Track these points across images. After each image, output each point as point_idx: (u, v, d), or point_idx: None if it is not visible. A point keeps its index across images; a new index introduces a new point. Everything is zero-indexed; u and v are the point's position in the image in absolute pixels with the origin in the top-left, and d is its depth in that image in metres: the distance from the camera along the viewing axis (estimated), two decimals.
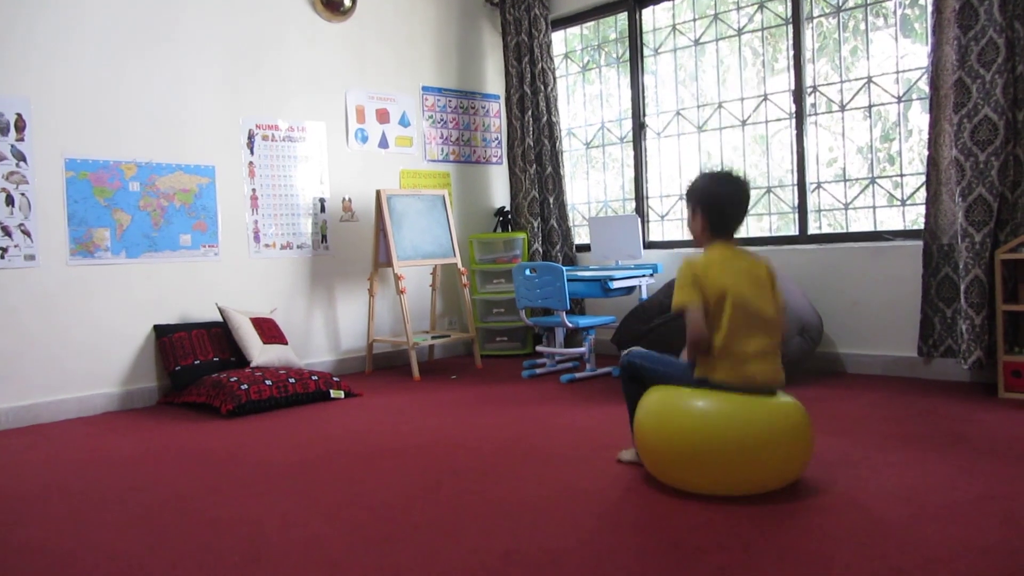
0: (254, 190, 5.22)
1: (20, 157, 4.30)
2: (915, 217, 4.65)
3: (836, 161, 5.00)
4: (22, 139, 4.31)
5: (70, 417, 4.42)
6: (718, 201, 2.86)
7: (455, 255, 5.72)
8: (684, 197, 2.98)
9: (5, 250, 4.25)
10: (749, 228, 5.38)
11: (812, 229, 5.03)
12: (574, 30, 6.44)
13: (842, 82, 4.89)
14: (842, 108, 4.89)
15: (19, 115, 4.29)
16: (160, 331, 4.72)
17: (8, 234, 4.26)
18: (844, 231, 4.93)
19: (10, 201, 4.26)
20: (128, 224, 4.68)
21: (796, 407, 2.70)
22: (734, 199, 2.89)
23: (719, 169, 3.02)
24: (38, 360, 4.35)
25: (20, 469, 3.41)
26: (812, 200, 5.03)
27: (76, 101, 4.50)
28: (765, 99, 5.23)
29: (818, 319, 4.50)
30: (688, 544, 2.20)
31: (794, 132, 5.05)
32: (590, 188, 6.44)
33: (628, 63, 5.96)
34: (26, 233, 4.31)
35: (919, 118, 4.67)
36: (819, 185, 5.01)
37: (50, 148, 4.41)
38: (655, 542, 2.23)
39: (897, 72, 4.67)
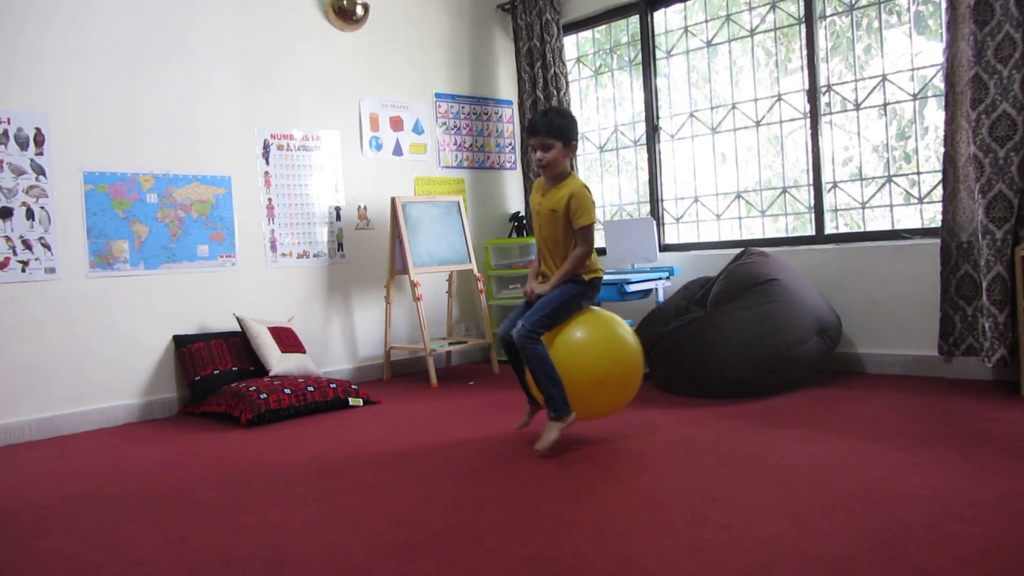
0: (270, 200, 5.25)
1: (39, 171, 4.34)
2: (932, 215, 4.62)
3: (852, 160, 4.98)
4: (41, 153, 4.35)
5: (92, 428, 4.46)
6: (577, 137, 3.51)
7: (471, 261, 5.72)
8: (552, 132, 3.38)
9: (26, 263, 4.29)
10: (765, 229, 5.36)
11: (829, 229, 5.00)
12: (586, 34, 6.44)
13: (856, 80, 4.86)
14: (857, 107, 4.87)
15: (38, 129, 4.34)
16: (179, 341, 4.75)
17: (29, 247, 4.30)
18: (861, 230, 4.90)
19: (30, 215, 4.31)
20: (146, 236, 4.72)
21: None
22: None
23: (548, 109, 3.72)
24: (60, 372, 4.39)
25: (44, 479, 3.44)
26: (828, 200, 5.00)
27: (93, 115, 4.54)
28: (779, 99, 5.21)
29: (836, 319, 4.47)
30: (714, 545, 2.19)
31: (809, 132, 5.03)
32: (604, 192, 6.43)
33: (640, 66, 5.95)
34: (46, 246, 4.36)
35: (935, 115, 4.64)
36: (835, 184, 4.98)
37: (68, 162, 4.45)
38: (681, 545, 2.22)
39: (912, 69, 4.64)
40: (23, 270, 4.28)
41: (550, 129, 3.39)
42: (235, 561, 2.33)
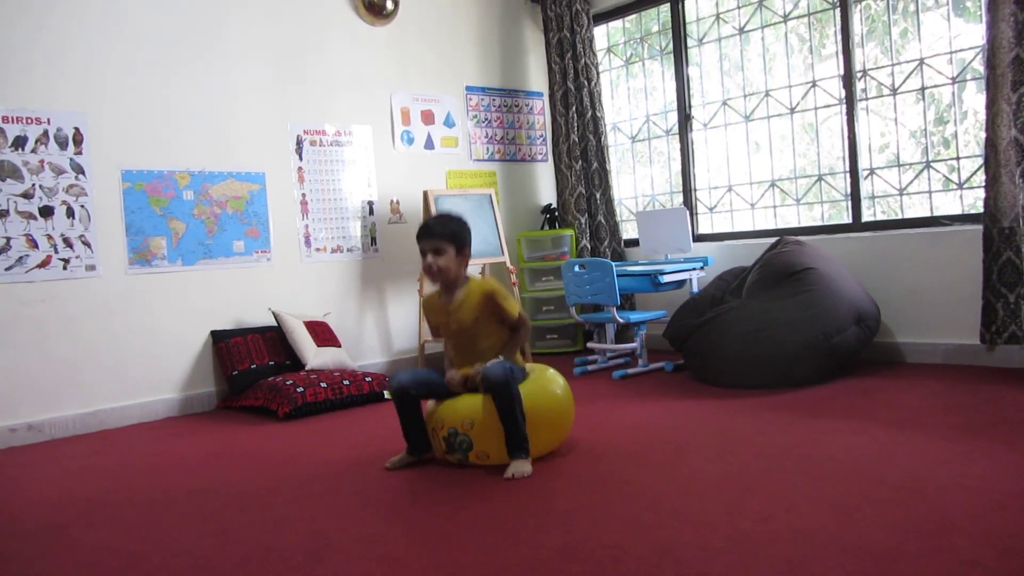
0: (304, 195, 5.29)
1: (79, 170, 4.41)
2: (973, 201, 4.53)
3: (888, 146, 4.90)
4: (80, 152, 4.42)
5: (133, 423, 4.53)
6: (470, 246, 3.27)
7: (503, 254, 5.72)
8: (446, 236, 3.15)
9: (67, 261, 4.37)
10: (800, 217, 5.30)
11: (866, 216, 4.93)
12: (616, 24, 6.40)
13: (893, 65, 4.78)
14: (894, 92, 4.79)
15: (77, 129, 4.41)
16: (217, 337, 4.81)
17: (70, 245, 4.38)
18: (899, 218, 4.83)
19: (71, 213, 4.38)
20: (183, 232, 4.78)
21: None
22: None
23: (441, 215, 3.34)
24: (101, 368, 4.46)
25: (89, 474, 3.50)
26: (865, 187, 4.93)
27: (130, 113, 4.60)
28: (814, 85, 5.14)
29: (875, 308, 4.41)
30: (753, 536, 2.18)
31: (845, 118, 4.96)
32: (637, 182, 6.40)
33: (672, 55, 5.91)
34: (87, 244, 4.43)
35: (974, 99, 4.55)
36: (872, 171, 4.91)
37: (107, 160, 4.52)
38: (720, 537, 2.21)
39: (950, 52, 4.56)
40: (64, 268, 4.36)
41: (444, 233, 3.14)
42: (276, 552, 2.35)
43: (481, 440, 3.04)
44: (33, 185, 4.28)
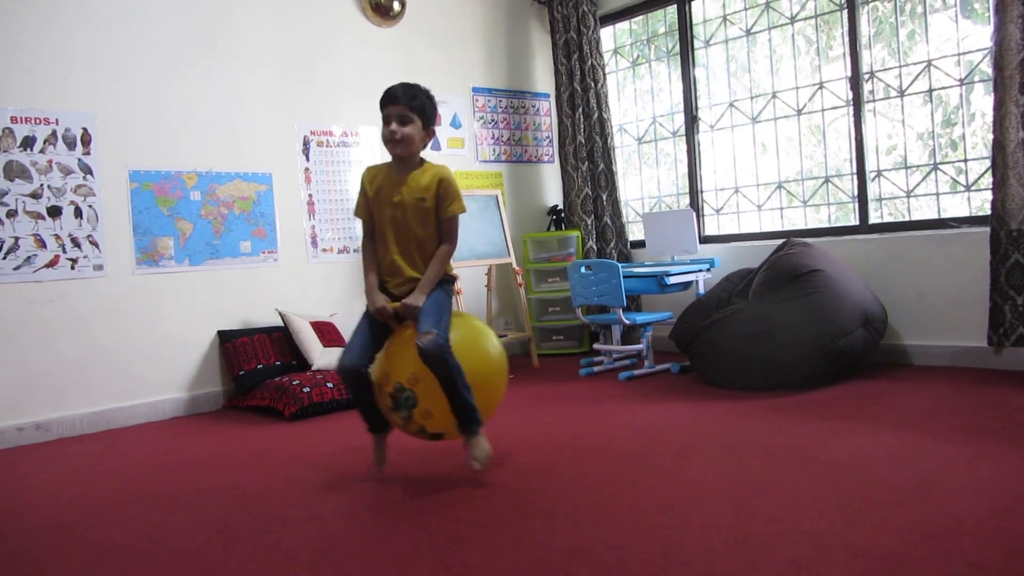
0: (310, 196, 5.30)
1: (87, 170, 4.43)
2: (980, 203, 4.52)
3: (895, 148, 4.89)
4: (88, 153, 4.44)
5: (140, 422, 4.55)
6: (435, 125, 3.11)
7: (509, 255, 5.73)
8: (414, 106, 2.96)
9: (75, 261, 4.38)
10: (807, 219, 5.29)
11: (873, 218, 4.92)
12: (623, 25, 6.40)
13: (900, 67, 4.77)
14: (901, 93, 4.78)
15: (85, 130, 4.42)
16: (224, 336, 4.82)
17: (78, 245, 4.39)
18: (906, 220, 4.82)
19: (79, 213, 4.40)
20: (190, 232, 4.79)
21: None
22: None
23: (409, 83, 3.07)
24: (108, 367, 4.48)
25: (96, 473, 3.51)
26: (872, 189, 4.92)
27: (137, 114, 4.62)
28: (821, 87, 5.13)
29: (882, 310, 4.40)
30: (760, 538, 2.18)
31: (852, 120, 4.95)
32: (643, 184, 6.40)
33: (678, 56, 5.90)
34: (94, 244, 4.45)
35: (982, 101, 4.54)
36: (879, 173, 4.90)
37: (115, 161, 4.54)
38: (726, 538, 2.21)
39: (958, 54, 4.54)
40: (72, 267, 4.37)
41: (412, 103, 2.96)
42: (281, 551, 2.36)
43: (425, 397, 2.85)
44: (41, 185, 4.29)
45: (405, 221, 3.00)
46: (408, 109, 2.95)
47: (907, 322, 4.65)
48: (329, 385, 4.46)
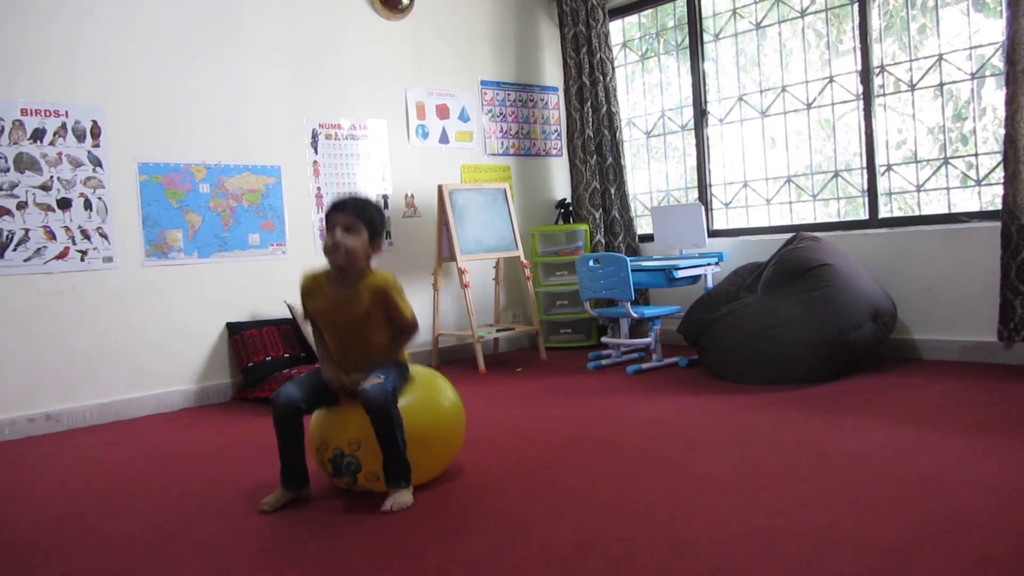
0: (319, 188, 5.31)
1: (96, 163, 4.44)
2: (991, 198, 4.50)
3: (905, 143, 4.87)
4: (98, 145, 4.45)
5: (149, 413, 4.56)
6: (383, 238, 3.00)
7: (518, 248, 5.73)
8: (362, 216, 2.79)
9: (84, 253, 4.40)
10: (816, 213, 5.27)
11: (883, 213, 4.90)
12: (632, 18, 6.38)
13: (911, 61, 4.75)
14: (911, 88, 4.75)
15: (94, 122, 4.43)
16: (232, 329, 4.83)
17: (87, 237, 4.41)
18: (916, 214, 4.79)
19: (88, 205, 4.41)
20: (199, 225, 4.80)
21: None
22: None
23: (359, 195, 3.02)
24: (117, 359, 4.50)
25: (106, 464, 3.53)
26: (882, 183, 4.90)
27: (147, 107, 4.63)
28: (831, 81, 5.11)
29: (891, 304, 4.39)
30: (767, 532, 2.17)
31: (862, 114, 4.93)
32: (652, 177, 6.38)
33: (688, 50, 5.88)
34: (104, 236, 4.46)
35: (994, 95, 4.51)
36: (889, 168, 4.88)
37: (124, 153, 4.55)
38: (734, 531, 2.21)
39: (970, 48, 4.52)
40: (82, 259, 4.39)
41: (361, 213, 2.78)
42: (292, 541, 2.37)
43: (369, 461, 2.70)
44: (51, 177, 4.31)
45: (352, 336, 2.84)
46: (356, 219, 2.76)
47: (916, 317, 4.64)
48: None
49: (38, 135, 4.27)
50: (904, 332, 4.67)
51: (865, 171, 4.94)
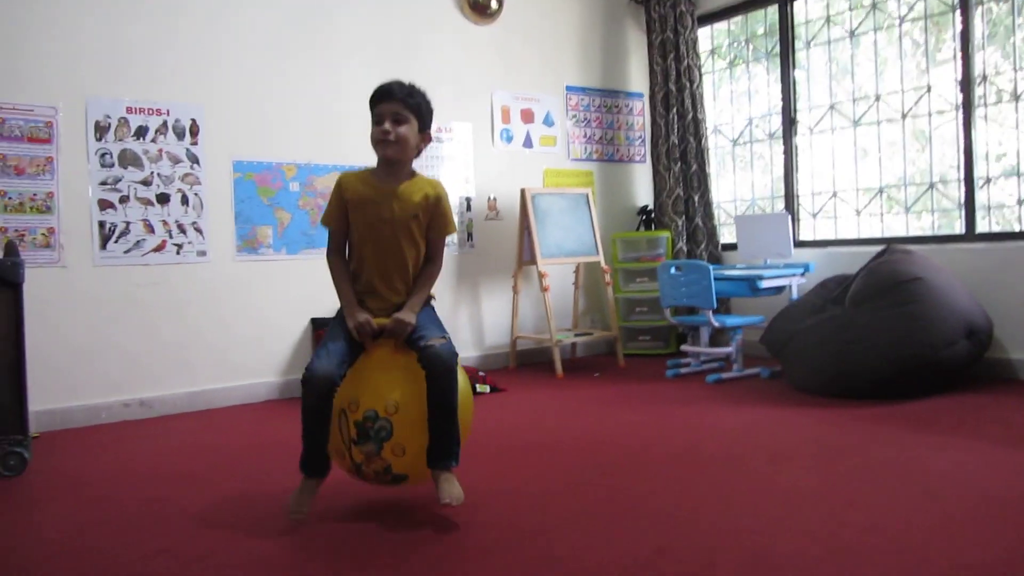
0: None
1: (194, 160, 4.61)
2: None
3: (1005, 155, 4.68)
4: (196, 143, 4.61)
5: (237, 403, 4.70)
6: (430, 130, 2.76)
7: (598, 253, 5.71)
8: (410, 105, 2.62)
9: (180, 246, 4.56)
10: (909, 226, 5.12)
11: (980, 227, 4.72)
12: (720, 25, 6.31)
13: (1016, 70, 4.57)
14: (1015, 98, 4.57)
15: (193, 120, 4.60)
16: (317, 324, 4.95)
17: (183, 231, 4.57)
18: (1017, 230, 4.60)
19: (185, 201, 4.58)
20: (288, 222, 4.93)
21: None
22: None
23: (403, 81, 2.69)
24: (207, 350, 4.65)
25: (193, 449, 3.65)
26: (980, 197, 4.72)
27: (243, 106, 4.78)
28: (928, 91, 4.95)
29: (988, 322, 4.23)
30: (858, 549, 2.12)
31: (961, 125, 4.76)
32: (736, 186, 6.29)
33: (778, 57, 5.78)
34: (198, 231, 4.62)
35: None
36: (988, 180, 4.70)
37: (220, 151, 4.70)
38: (820, 547, 2.16)
39: None
40: (177, 253, 4.55)
41: (409, 101, 2.61)
42: (372, 536, 2.41)
43: (402, 429, 2.44)
44: (152, 173, 4.48)
45: (393, 240, 2.62)
46: (404, 107, 2.60)
47: (1015, 335, 4.45)
48: None
49: (141, 132, 4.45)
50: (1000, 351, 4.49)
51: (963, 183, 4.77)
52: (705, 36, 6.36)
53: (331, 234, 2.71)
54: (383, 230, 2.61)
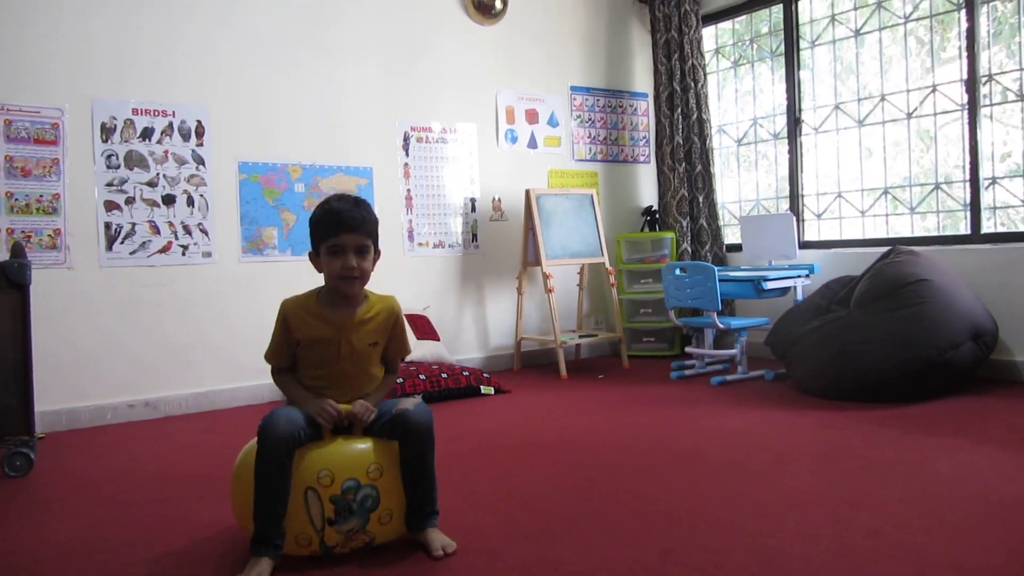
0: (408, 190, 5.40)
1: (199, 161, 4.62)
2: None
3: (1011, 155, 4.67)
4: (201, 144, 4.63)
5: (241, 404, 4.71)
6: None
7: (603, 254, 5.71)
8: (371, 232, 2.39)
9: (186, 247, 4.57)
10: (914, 227, 5.11)
11: (986, 228, 4.71)
12: (725, 25, 6.30)
13: (1021, 70, 4.56)
14: (1021, 97, 4.56)
15: (199, 122, 4.61)
16: None
17: (189, 233, 4.58)
18: (1021, 230, 4.59)
19: (191, 202, 4.59)
20: (293, 223, 4.94)
21: None
22: None
23: (358, 200, 2.42)
24: (212, 351, 4.66)
25: (200, 451, 3.66)
26: (986, 197, 4.72)
27: (248, 108, 4.79)
28: (934, 90, 4.94)
29: (993, 324, 4.22)
30: (861, 551, 2.12)
31: (966, 124, 4.75)
32: (741, 186, 6.28)
33: (782, 57, 5.77)
34: (204, 232, 4.63)
35: None
36: (994, 180, 4.69)
37: (225, 152, 4.72)
38: (825, 549, 2.16)
39: None
40: (183, 254, 4.57)
41: (369, 228, 2.37)
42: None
43: (389, 494, 2.26)
44: (158, 174, 4.50)
45: (352, 370, 2.41)
46: (366, 236, 2.36)
47: (1020, 337, 4.44)
48: (421, 377, 4.54)
49: (147, 134, 4.46)
50: (1006, 353, 4.48)
51: (968, 184, 4.77)
52: (710, 36, 6.36)
53: (272, 365, 2.51)
54: (341, 364, 2.39)
